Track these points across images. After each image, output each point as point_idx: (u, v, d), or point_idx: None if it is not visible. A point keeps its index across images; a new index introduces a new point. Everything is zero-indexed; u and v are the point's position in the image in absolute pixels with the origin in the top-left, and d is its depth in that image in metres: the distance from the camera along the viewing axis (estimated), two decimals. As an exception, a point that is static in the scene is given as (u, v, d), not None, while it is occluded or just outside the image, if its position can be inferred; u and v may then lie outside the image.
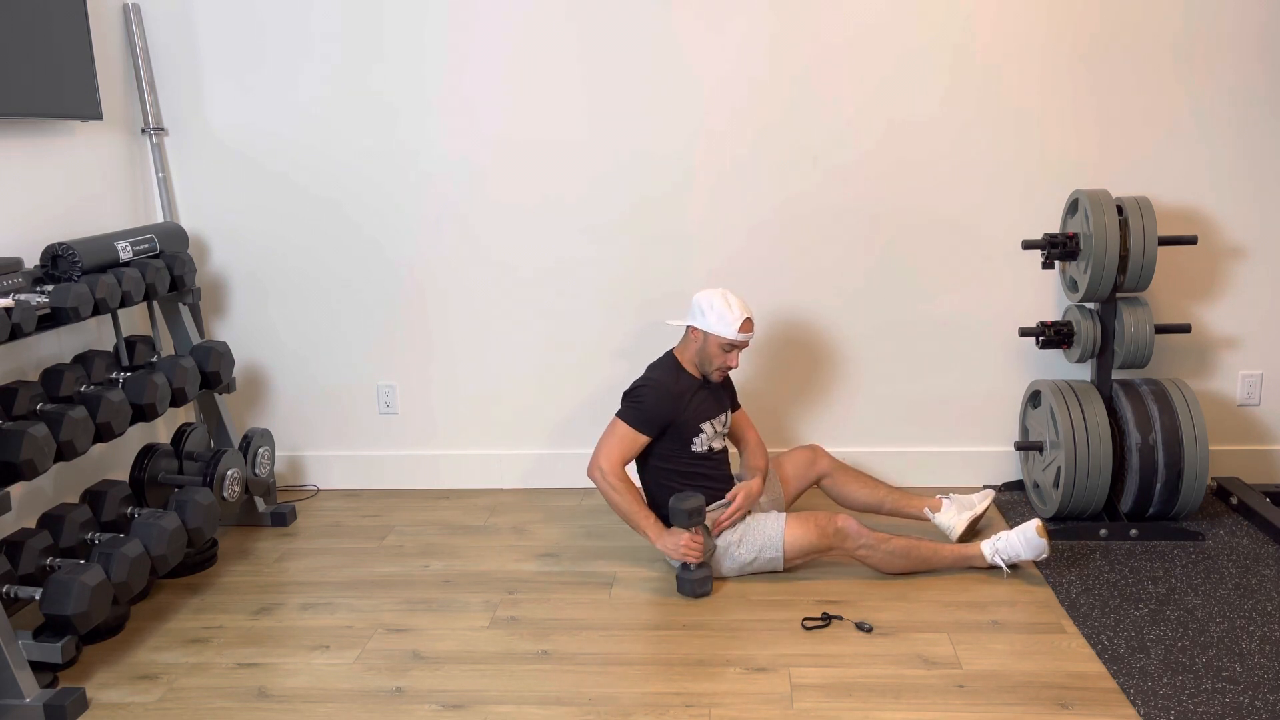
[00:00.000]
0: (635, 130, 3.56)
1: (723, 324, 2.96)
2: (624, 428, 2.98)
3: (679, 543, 2.91)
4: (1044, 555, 2.94)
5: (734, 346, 2.99)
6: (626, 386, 3.09)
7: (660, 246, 3.64)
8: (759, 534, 3.00)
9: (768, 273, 3.64)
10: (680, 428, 3.02)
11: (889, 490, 3.30)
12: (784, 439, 3.77)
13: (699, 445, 3.05)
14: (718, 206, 3.60)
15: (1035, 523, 2.94)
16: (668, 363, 3.07)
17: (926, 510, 3.23)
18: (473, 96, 3.58)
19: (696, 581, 2.93)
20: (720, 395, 3.14)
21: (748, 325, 2.98)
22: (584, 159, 3.60)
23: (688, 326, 3.05)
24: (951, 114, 3.48)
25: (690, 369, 3.06)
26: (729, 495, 3.04)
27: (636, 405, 2.99)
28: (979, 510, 3.21)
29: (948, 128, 3.49)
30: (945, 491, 3.64)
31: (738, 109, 3.52)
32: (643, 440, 2.99)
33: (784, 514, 3.03)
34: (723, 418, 3.13)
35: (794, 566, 3.04)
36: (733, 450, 3.47)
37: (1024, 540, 2.95)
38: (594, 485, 2.96)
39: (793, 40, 3.46)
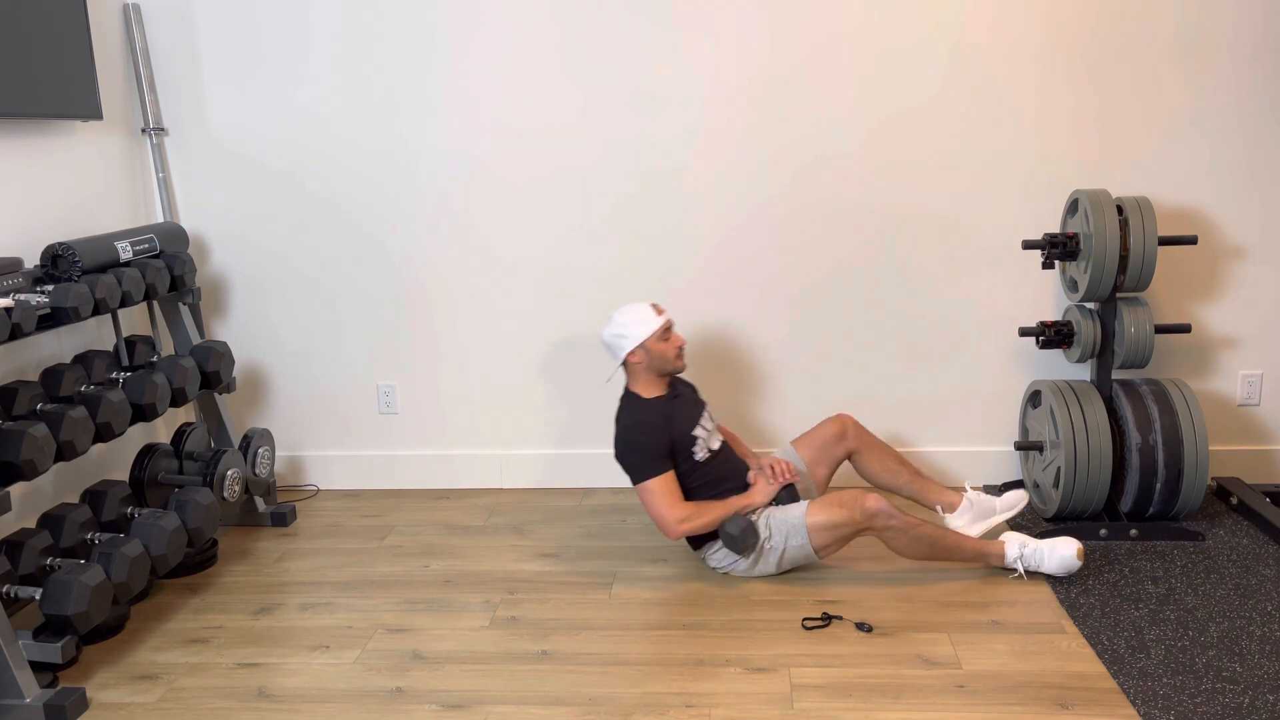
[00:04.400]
0: (635, 134, 3.55)
1: (642, 326, 2.98)
2: (652, 482, 2.94)
3: (766, 489, 3.02)
4: (1072, 572, 2.95)
5: (667, 330, 3.00)
6: (609, 402, 3.08)
7: (660, 246, 3.64)
8: (782, 523, 2.97)
9: (769, 273, 3.64)
10: (679, 446, 3.01)
11: (911, 475, 3.24)
12: (784, 440, 3.77)
13: (700, 453, 3.03)
14: (719, 208, 3.60)
15: (1077, 546, 2.92)
16: (630, 403, 3.04)
17: (939, 509, 3.21)
18: (470, 100, 3.58)
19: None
20: (690, 397, 3.13)
21: (656, 309, 3.02)
22: (585, 161, 3.60)
23: (624, 362, 3.04)
24: (951, 114, 3.48)
25: (652, 391, 3.05)
26: (752, 478, 3.08)
27: (641, 452, 2.95)
28: (995, 522, 3.15)
29: (947, 128, 3.49)
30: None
31: (737, 110, 3.52)
32: (672, 473, 2.97)
33: (806, 501, 3.01)
34: (705, 415, 3.11)
35: (828, 553, 2.98)
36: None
37: (1056, 557, 2.93)
38: (678, 538, 2.98)
39: (790, 37, 3.46)
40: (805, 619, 2.79)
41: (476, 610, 2.92)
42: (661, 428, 2.97)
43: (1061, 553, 2.93)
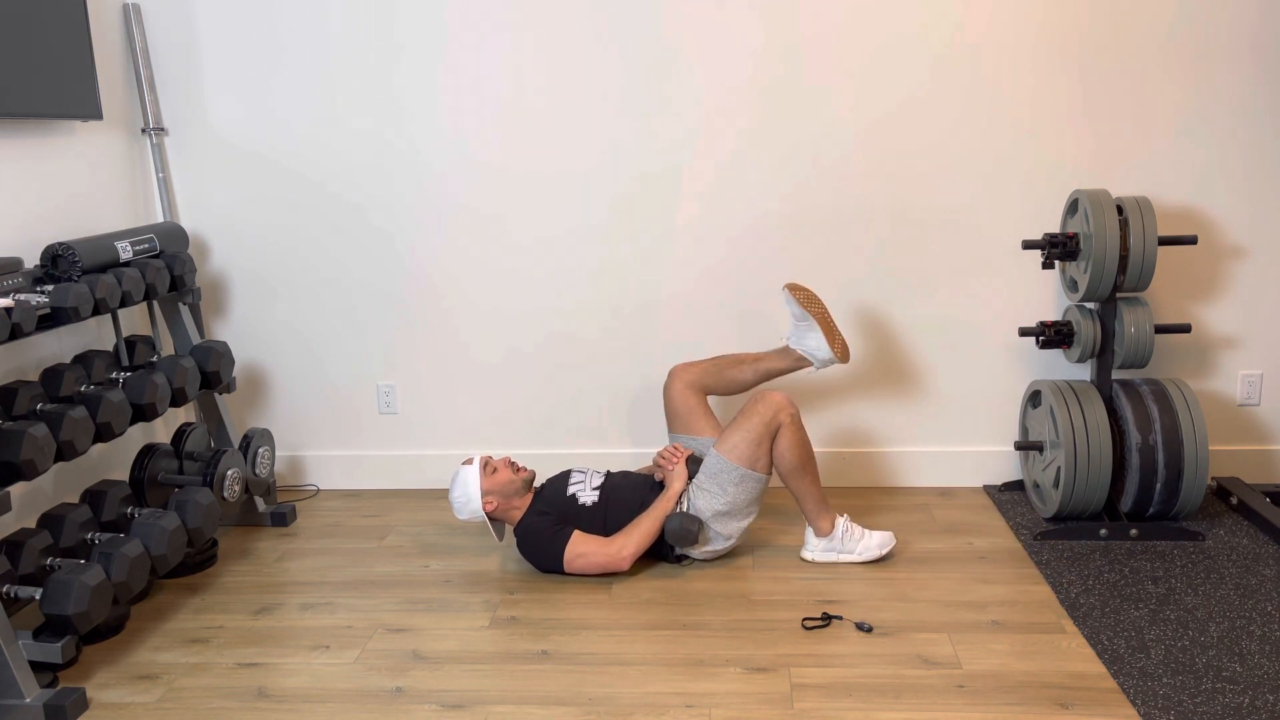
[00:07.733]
0: (632, 137, 3.56)
1: (470, 483, 3.07)
2: (568, 548, 3.01)
3: (675, 474, 3.07)
4: (868, 557, 3.10)
5: (486, 466, 3.09)
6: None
7: (659, 247, 3.64)
8: (709, 479, 3.02)
9: (766, 272, 3.64)
10: (566, 512, 3.08)
11: (754, 359, 3.27)
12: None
13: (586, 497, 3.11)
14: (717, 209, 3.60)
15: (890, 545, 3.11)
16: (518, 531, 3.10)
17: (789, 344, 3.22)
18: (472, 103, 3.58)
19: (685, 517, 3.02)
20: (552, 480, 3.22)
21: (466, 461, 3.12)
22: (585, 164, 3.60)
23: (488, 519, 3.11)
24: (950, 114, 3.48)
25: (519, 506, 3.11)
26: (659, 476, 3.16)
27: (542, 541, 3.04)
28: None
29: (947, 128, 3.49)
30: (948, 491, 3.66)
31: (736, 111, 3.52)
32: (577, 530, 3.04)
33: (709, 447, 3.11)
34: (573, 474, 3.20)
35: (766, 464, 3.01)
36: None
37: (874, 539, 3.10)
38: (630, 564, 3.03)
39: (788, 36, 3.46)
40: (805, 619, 2.79)
41: (476, 610, 2.92)
42: (543, 514, 3.07)
43: (880, 538, 3.10)
